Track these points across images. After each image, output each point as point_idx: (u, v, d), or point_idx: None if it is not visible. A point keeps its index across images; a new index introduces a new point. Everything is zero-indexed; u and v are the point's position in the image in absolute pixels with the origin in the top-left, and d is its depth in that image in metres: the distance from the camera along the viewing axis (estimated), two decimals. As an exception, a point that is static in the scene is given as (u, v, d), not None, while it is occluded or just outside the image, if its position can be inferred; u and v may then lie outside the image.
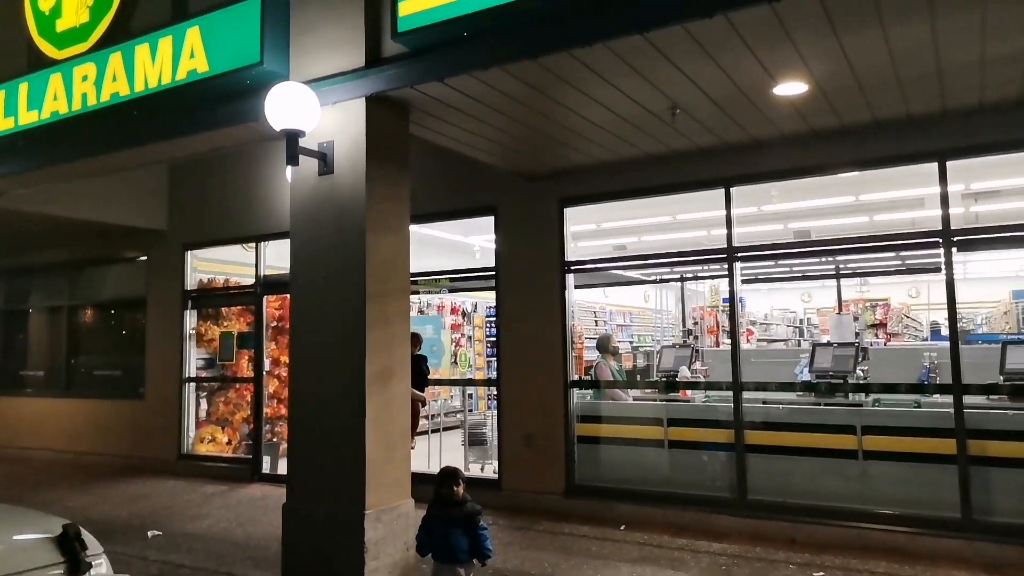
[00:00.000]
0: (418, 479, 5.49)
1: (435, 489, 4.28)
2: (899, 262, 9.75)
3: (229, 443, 9.62)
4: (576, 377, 7.12)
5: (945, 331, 7.06)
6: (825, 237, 6.74)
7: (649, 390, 7.62)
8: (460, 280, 7.76)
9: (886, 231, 6.91)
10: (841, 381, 6.44)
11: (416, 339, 6.96)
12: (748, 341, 13.41)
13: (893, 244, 6.30)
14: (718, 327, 10.74)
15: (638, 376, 14.24)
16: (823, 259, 9.44)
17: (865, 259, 10.35)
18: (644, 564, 5.42)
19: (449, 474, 4.30)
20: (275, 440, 9.58)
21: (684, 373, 7.62)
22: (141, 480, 9.13)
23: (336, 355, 5.03)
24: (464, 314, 14.93)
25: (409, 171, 5.46)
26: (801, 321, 19.30)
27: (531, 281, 7.23)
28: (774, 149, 6.14)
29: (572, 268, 7.13)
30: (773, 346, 13.96)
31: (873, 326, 12.06)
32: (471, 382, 10.52)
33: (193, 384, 9.68)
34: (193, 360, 9.72)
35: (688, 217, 8.82)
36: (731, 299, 6.56)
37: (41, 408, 11.31)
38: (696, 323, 9.81)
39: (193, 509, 7.58)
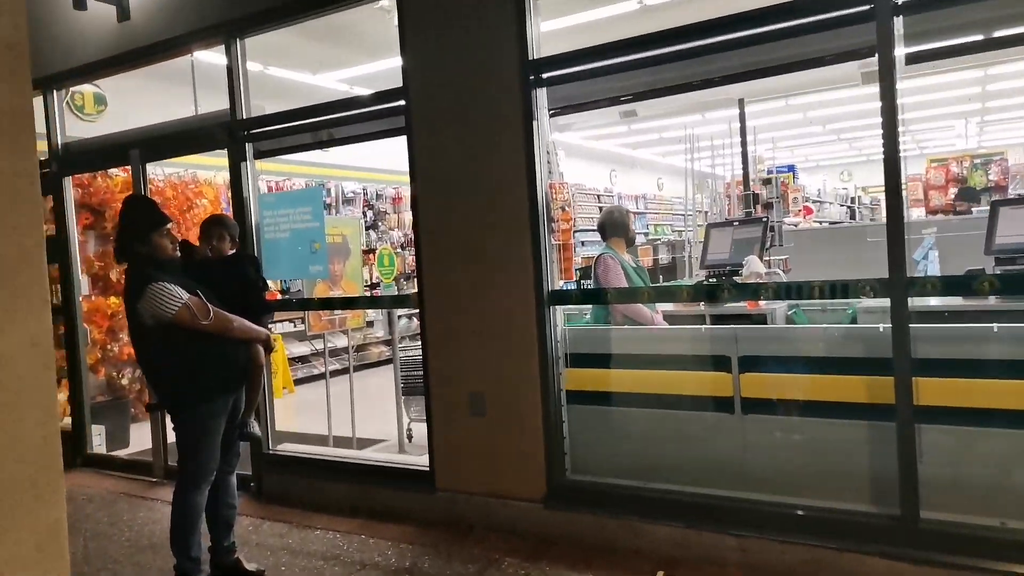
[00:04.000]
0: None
1: None
2: None
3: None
4: (561, 284, 3.82)
5: None
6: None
7: (691, 303, 4.26)
8: (337, 125, 4.35)
9: None
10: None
11: (216, 229, 3.70)
12: (806, 220, 10.06)
13: None
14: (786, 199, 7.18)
15: (660, 278, 10.85)
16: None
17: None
18: None
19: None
20: (122, 399, 6.48)
21: (755, 267, 4.29)
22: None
23: None
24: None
25: None
26: (852, 200, 15.88)
27: (466, 110, 3.83)
28: None
29: (544, 77, 3.70)
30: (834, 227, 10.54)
31: (986, 190, 8.67)
32: (373, 301, 6.90)
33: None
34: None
35: None
36: (890, 110, 3.03)
37: None
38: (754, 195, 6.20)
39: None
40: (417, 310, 4.17)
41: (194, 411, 3.31)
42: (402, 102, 4.06)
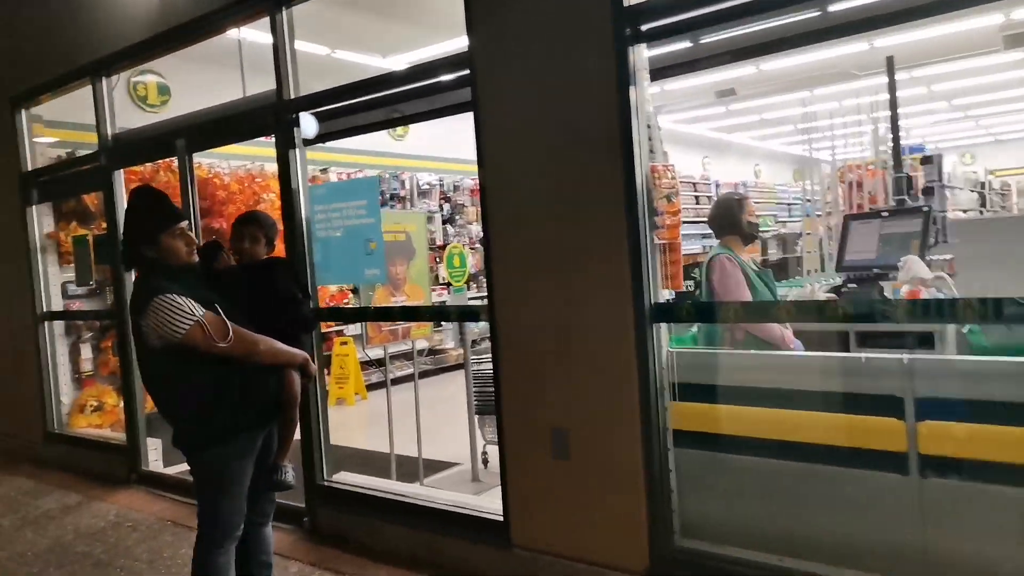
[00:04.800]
0: None
1: None
2: None
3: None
4: (667, 296, 3.00)
5: None
6: None
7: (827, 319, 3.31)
8: (394, 103, 3.63)
9: None
10: None
11: (247, 228, 3.09)
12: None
13: None
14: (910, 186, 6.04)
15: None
16: None
17: None
18: None
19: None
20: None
21: (917, 270, 3.34)
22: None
23: None
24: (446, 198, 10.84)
25: None
26: (982, 185, 14.15)
27: (544, 76, 3.05)
28: None
29: (643, 30, 2.87)
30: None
31: None
32: (436, 312, 5.74)
33: (58, 323, 6.15)
34: (51, 285, 6.15)
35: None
36: None
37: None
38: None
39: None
40: (486, 323, 3.44)
41: (211, 454, 2.70)
42: (467, 71, 3.32)
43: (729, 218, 3.60)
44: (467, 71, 3.32)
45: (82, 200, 6.24)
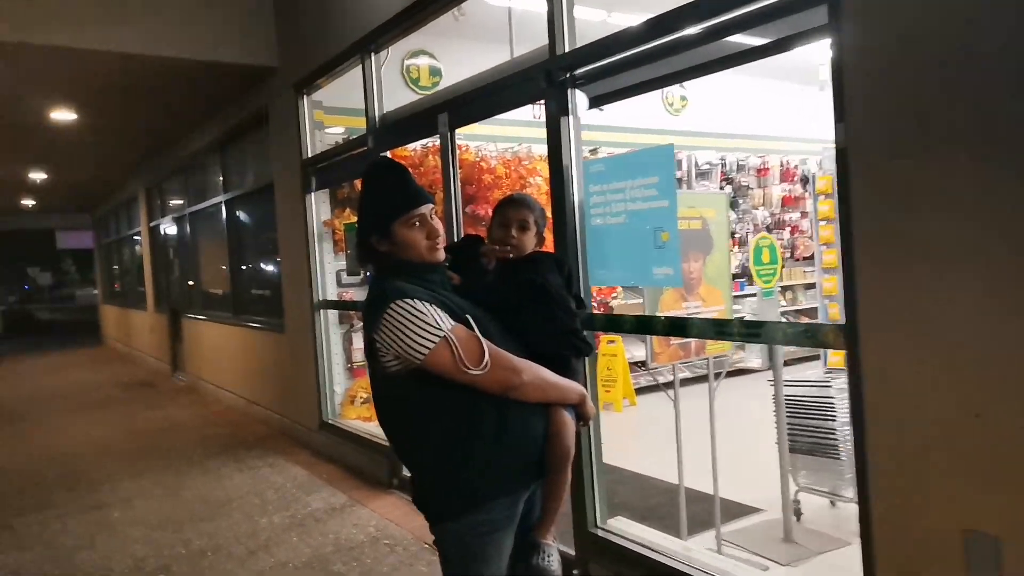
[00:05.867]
0: None
1: None
2: None
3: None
4: None
5: None
6: None
7: None
8: (703, 43, 2.59)
9: None
10: None
11: (511, 212, 2.30)
12: None
13: None
14: None
15: None
16: None
17: None
18: None
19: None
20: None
21: None
22: (256, 461, 5.95)
23: None
24: (804, 180, 9.24)
25: None
26: None
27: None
28: None
29: None
30: None
31: None
32: (752, 330, 3.11)
33: (332, 312, 6.11)
34: (327, 272, 6.12)
35: None
36: None
37: (216, 336, 8.99)
38: None
39: (225, 565, 4.00)
40: (842, 351, 2.34)
41: (457, 526, 1.98)
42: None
43: None
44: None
45: (354, 187, 6.12)
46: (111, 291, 17.61)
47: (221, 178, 8.52)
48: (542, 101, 3.51)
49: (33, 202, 16.06)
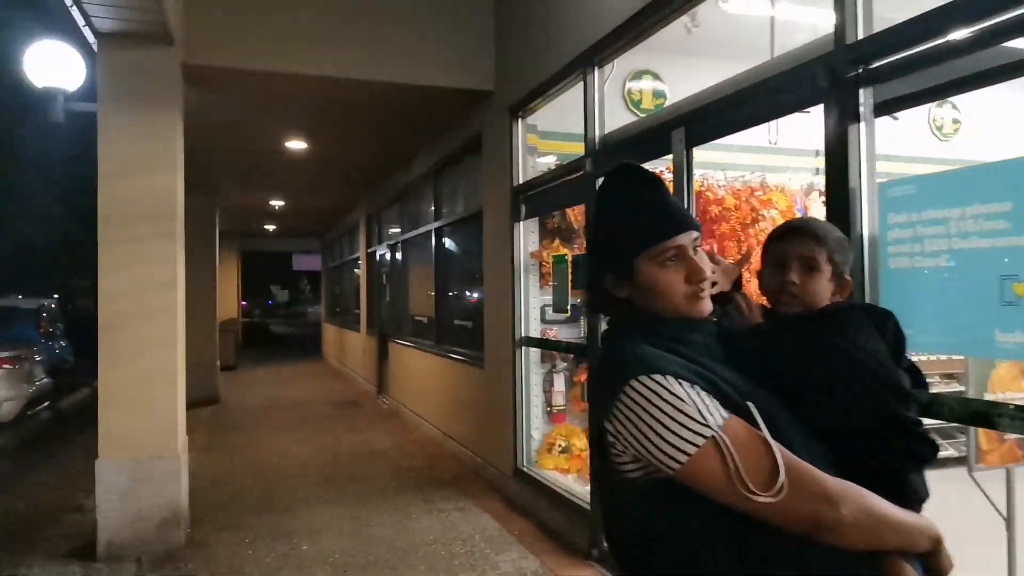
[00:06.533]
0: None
1: None
2: None
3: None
4: None
5: None
6: None
7: None
8: None
9: None
10: None
11: (796, 245, 1.53)
12: None
13: None
14: None
15: None
16: None
17: None
18: None
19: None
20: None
21: None
22: (445, 504, 5.52)
23: None
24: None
25: None
26: None
27: None
28: None
29: None
30: None
31: None
32: None
33: (534, 350, 5.62)
34: (532, 307, 5.65)
35: None
36: None
37: (419, 363, 8.87)
38: None
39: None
40: None
41: None
42: None
43: None
44: None
45: (566, 216, 5.63)
46: (332, 311, 18.81)
47: (433, 207, 8.49)
48: (809, 110, 2.77)
49: (274, 227, 17.64)
